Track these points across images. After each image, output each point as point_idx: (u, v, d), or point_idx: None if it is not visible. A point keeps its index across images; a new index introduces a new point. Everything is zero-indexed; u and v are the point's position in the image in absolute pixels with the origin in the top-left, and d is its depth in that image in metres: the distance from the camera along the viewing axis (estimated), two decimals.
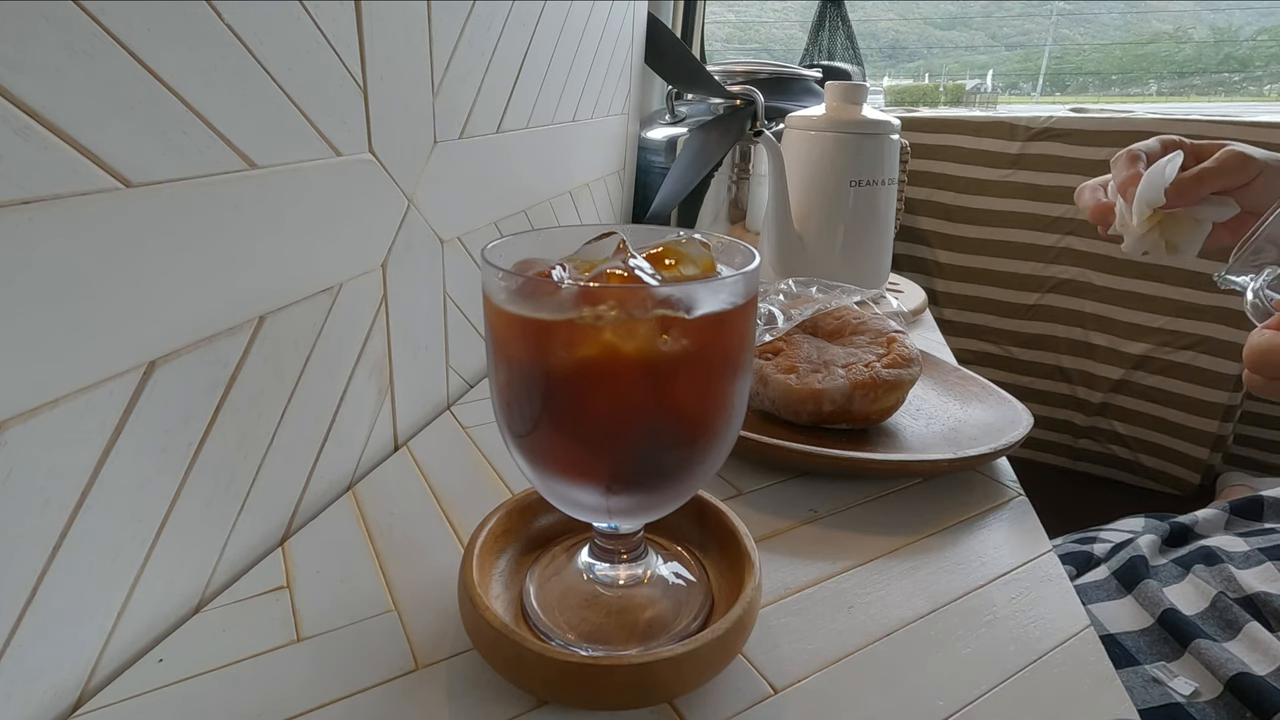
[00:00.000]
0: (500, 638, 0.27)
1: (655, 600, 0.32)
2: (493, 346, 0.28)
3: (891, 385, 0.47)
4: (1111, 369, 1.26)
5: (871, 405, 0.47)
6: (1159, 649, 0.46)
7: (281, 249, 0.35)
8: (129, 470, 0.28)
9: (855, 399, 0.47)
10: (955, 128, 1.29)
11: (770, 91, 0.99)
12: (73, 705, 0.28)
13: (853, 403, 0.47)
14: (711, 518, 0.35)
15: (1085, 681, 0.30)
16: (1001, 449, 0.44)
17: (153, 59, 0.27)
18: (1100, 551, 0.57)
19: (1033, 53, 18.22)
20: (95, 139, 0.25)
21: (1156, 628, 0.47)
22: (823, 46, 1.53)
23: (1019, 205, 1.26)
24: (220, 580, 0.35)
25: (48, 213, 0.24)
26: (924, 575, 0.36)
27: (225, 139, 0.31)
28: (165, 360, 0.29)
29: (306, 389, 0.39)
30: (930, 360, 0.58)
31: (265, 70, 0.33)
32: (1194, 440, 1.21)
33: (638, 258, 0.27)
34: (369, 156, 0.41)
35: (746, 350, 0.28)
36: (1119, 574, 0.52)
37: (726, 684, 0.29)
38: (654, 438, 0.27)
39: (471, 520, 0.35)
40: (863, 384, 0.47)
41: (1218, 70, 14.04)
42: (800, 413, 0.48)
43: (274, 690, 0.29)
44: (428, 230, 0.49)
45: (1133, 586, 0.51)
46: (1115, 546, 0.57)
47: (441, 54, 0.47)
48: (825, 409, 0.47)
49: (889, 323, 0.54)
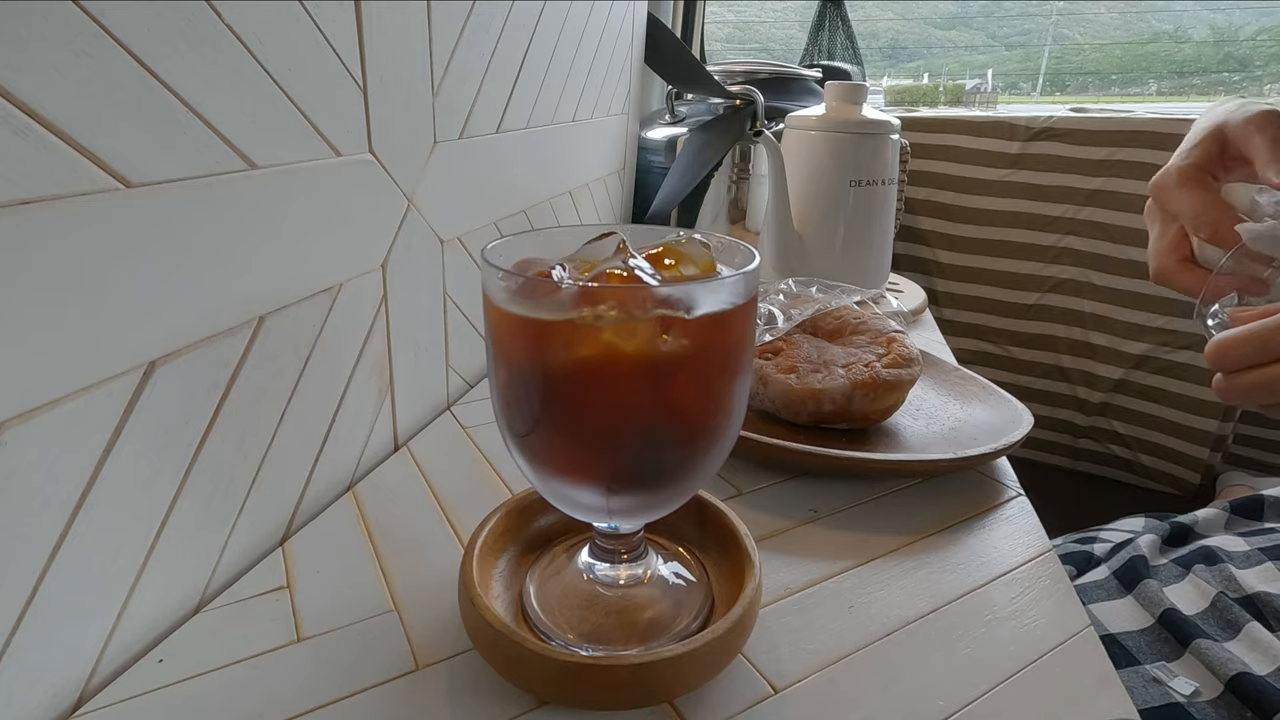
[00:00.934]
0: (500, 638, 0.27)
1: (655, 600, 0.32)
2: (493, 347, 0.28)
3: (891, 385, 0.47)
4: (1111, 369, 1.26)
5: (872, 405, 0.47)
6: (1159, 649, 0.46)
7: (281, 249, 0.35)
8: (129, 471, 0.28)
9: (855, 399, 0.47)
10: (955, 127, 1.29)
11: (770, 91, 0.99)
12: (73, 705, 0.28)
13: (853, 402, 0.47)
14: (711, 518, 0.35)
15: (1085, 681, 0.30)
16: (1002, 449, 0.44)
17: (153, 59, 0.27)
18: (1100, 551, 0.58)
19: (1032, 52, 18.22)
20: (95, 139, 0.25)
21: (1157, 627, 0.47)
22: (822, 46, 1.53)
23: (1019, 205, 1.26)
24: (220, 580, 0.35)
25: (47, 213, 0.24)
26: (924, 575, 0.36)
27: (225, 139, 0.31)
28: (165, 360, 0.29)
29: (306, 389, 0.39)
30: (930, 360, 0.58)
31: (265, 70, 0.33)
32: (1194, 440, 1.21)
33: (638, 258, 0.27)
34: (369, 156, 0.41)
35: (746, 350, 0.28)
36: (1119, 574, 0.53)
37: (727, 684, 0.29)
38: (654, 438, 0.27)
39: (471, 520, 0.35)
40: (863, 384, 0.47)
41: (1218, 70, 14.05)
42: (800, 413, 0.48)
43: (274, 690, 0.29)
44: (428, 230, 0.49)
45: (1133, 586, 0.51)
46: (1115, 546, 0.57)
47: (441, 54, 0.47)
48: (825, 409, 0.47)
49: (889, 322, 0.54)
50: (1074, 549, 0.59)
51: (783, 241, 0.75)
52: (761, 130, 0.73)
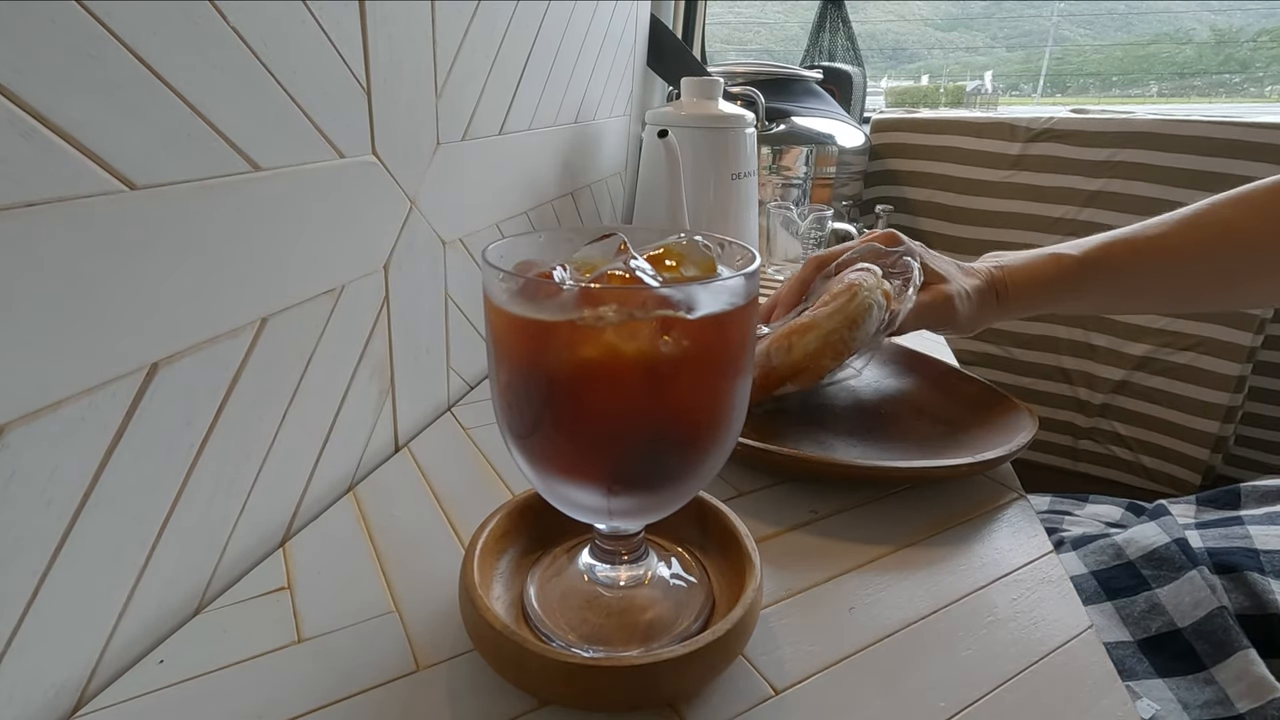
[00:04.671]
0: (501, 639, 0.27)
1: (656, 601, 0.32)
2: (494, 348, 0.28)
3: (805, 328, 0.44)
4: (1112, 370, 1.26)
5: (789, 357, 0.45)
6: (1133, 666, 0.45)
7: (284, 251, 0.35)
8: (131, 471, 0.29)
9: (772, 355, 0.44)
10: (956, 129, 1.29)
11: (771, 92, 0.99)
12: (73, 706, 0.28)
13: (771, 359, 0.44)
14: (712, 519, 0.36)
15: (1086, 683, 0.30)
16: (1010, 453, 0.44)
17: (157, 61, 0.27)
18: (1070, 535, 0.57)
19: (1033, 54, 18.21)
20: (99, 141, 0.25)
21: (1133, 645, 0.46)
22: (823, 47, 1.54)
23: (1019, 206, 1.26)
24: (221, 581, 0.35)
25: (51, 215, 0.24)
26: (925, 576, 0.36)
27: (229, 141, 0.31)
28: (168, 362, 0.29)
29: (308, 390, 0.39)
30: (930, 361, 0.58)
31: (269, 72, 0.33)
32: (1195, 441, 1.21)
33: (639, 259, 0.27)
34: (372, 158, 0.41)
35: (747, 351, 0.28)
36: (1101, 575, 0.52)
37: (727, 685, 0.29)
38: (655, 439, 0.27)
39: (472, 521, 0.35)
40: (777, 337, 0.44)
41: (1219, 71, 14.03)
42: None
43: (274, 691, 0.29)
44: (430, 232, 0.49)
45: (1116, 595, 0.50)
46: (1089, 535, 0.56)
47: (445, 56, 0.47)
48: (755, 377, 0.44)
49: (867, 278, 0.48)
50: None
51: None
52: (665, 131, 0.75)
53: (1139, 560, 0.48)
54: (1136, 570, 0.49)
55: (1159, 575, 0.47)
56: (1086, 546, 0.52)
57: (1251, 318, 1.14)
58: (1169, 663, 0.44)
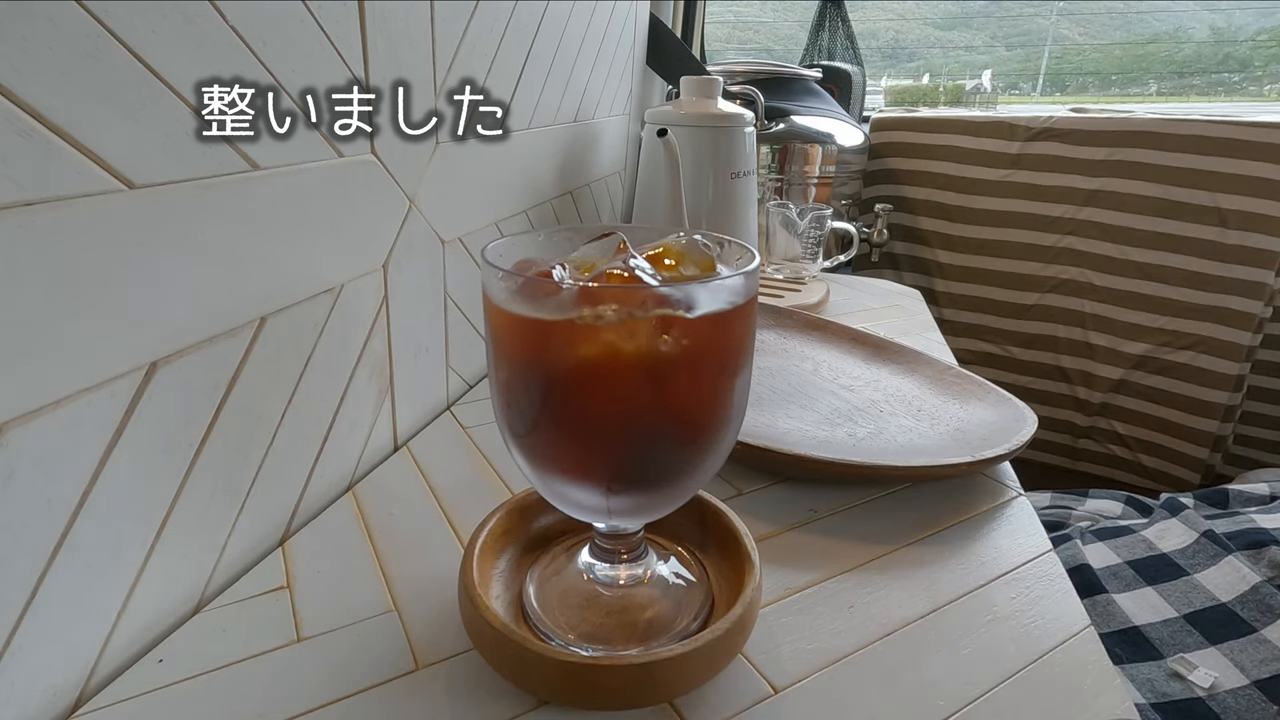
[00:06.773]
0: (501, 638, 0.28)
1: (655, 600, 0.32)
2: (493, 347, 0.28)
3: None
4: (1111, 369, 1.26)
5: None
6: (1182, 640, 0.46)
7: (283, 250, 0.35)
8: (130, 471, 0.28)
9: None
10: (955, 128, 1.29)
11: (770, 91, 0.99)
12: (72, 705, 0.28)
13: None
14: (712, 518, 0.36)
15: (1085, 681, 0.30)
16: (1010, 451, 0.44)
17: (156, 60, 0.27)
18: (1075, 529, 0.58)
19: (1032, 53, 18.22)
20: (98, 140, 0.25)
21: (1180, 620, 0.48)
22: (823, 46, 1.53)
23: (1019, 205, 1.26)
24: (220, 580, 0.35)
25: (50, 214, 0.24)
26: (924, 575, 0.36)
27: (228, 140, 0.31)
28: (167, 361, 0.29)
29: (307, 390, 0.39)
30: (929, 360, 0.58)
31: (269, 71, 0.33)
32: (1194, 440, 1.22)
33: (638, 258, 0.27)
34: (371, 157, 0.41)
35: (747, 350, 0.28)
36: (1138, 565, 0.53)
37: (727, 684, 0.29)
38: (654, 438, 0.27)
39: (471, 520, 0.35)
40: None
41: (1218, 70, 14.04)
42: None
43: (274, 691, 0.29)
44: (429, 231, 0.49)
45: (1156, 580, 0.51)
46: (1108, 529, 0.57)
47: (444, 55, 0.47)
48: None
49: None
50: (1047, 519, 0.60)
51: None
52: (665, 130, 0.74)
53: (1174, 553, 0.50)
54: (1171, 560, 0.51)
55: (1195, 563, 0.49)
56: (1116, 540, 0.54)
57: (1250, 317, 1.14)
58: (1218, 629, 0.46)
